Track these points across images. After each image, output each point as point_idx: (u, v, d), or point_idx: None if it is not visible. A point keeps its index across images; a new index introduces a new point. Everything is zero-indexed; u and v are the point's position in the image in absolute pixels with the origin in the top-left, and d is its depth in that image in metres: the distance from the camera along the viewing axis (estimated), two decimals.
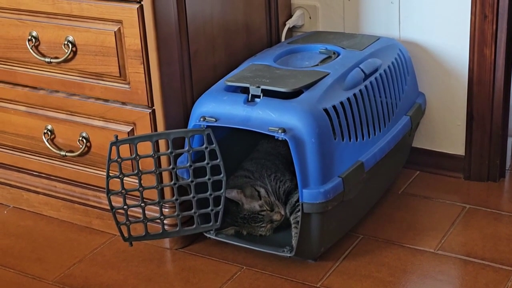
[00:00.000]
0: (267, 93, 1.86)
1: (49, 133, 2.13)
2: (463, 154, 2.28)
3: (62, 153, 2.11)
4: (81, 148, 2.08)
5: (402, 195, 2.24)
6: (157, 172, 1.90)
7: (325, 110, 1.83)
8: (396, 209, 2.16)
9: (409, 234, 2.04)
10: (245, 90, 1.90)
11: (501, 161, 2.26)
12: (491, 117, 2.21)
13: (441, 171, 2.33)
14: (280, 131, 1.78)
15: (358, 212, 2.06)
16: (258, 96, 1.86)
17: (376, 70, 2.03)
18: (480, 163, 2.26)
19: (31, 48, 2.03)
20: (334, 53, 2.09)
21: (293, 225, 1.94)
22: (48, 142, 2.13)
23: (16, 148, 2.23)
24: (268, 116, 1.82)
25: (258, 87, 1.86)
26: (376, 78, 2.01)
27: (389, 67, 2.07)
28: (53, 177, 2.20)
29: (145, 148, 1.91)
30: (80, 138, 2.08)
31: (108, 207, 1.92)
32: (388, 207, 2.17)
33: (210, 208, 1.91)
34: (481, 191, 2.24)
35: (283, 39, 2.33)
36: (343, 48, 2.10)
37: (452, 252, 1.96)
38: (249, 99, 1.87)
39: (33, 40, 2.03)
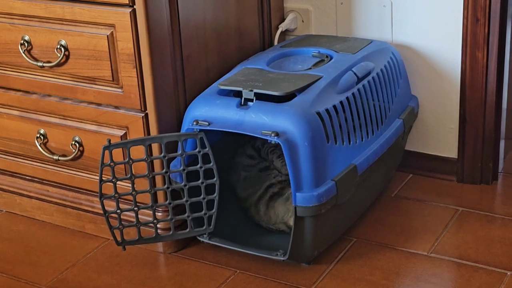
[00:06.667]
0: (260, 97, 1.86)
1: (42, 137, 2.12)
2: (456, 157, 2.29)
3: (55, 157, 2.11)
4: (74, 152, 2.08)
5: (395, 198, 2.24)
6: (150, 176, 1.89)
7: (318, 113, 1.83)
8: (389, 212, 2.16)
9: (402, 237, 2.04)
10: (238, 94, 1.90)
11: (494, 164, 2.27)
12: (484, 120, 2.21)
13: (434, 174, 2.33)
14: (273, 134, 1.78)
15: (351, 215, 2.06)
16: (251, 100, 1.86)
17: (368, 74, 2.03)
18: (473, 166, 2.27)
19: (23, 52, 2.03)
20: (327, 57, 2.09)
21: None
22: (41, 147, 2.13)
23: (8, 152, 2.23)
24: (261, 120, 1.82)
25: (251, 90, 1.86)
26: (369, 82, 2.01)
27: (381, 70, 2.08)
28: (46, 182, 2.20)
29: (138, 152, 1.91)
30: (73, 142, 2.07)
31: (101, 211, 1.92)
32: (381, 210, 2.17)
33: (203, 212, 1.91)
34: (474, 193, 2.24)
35: (275, 42, 2.33)
36: (335, 51, 2.11)
37: (445, 255, 1.96)
38: (242, 103, 1.87)
39: (26, 44, 2.02)
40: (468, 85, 2.19)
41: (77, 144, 2.07)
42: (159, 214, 2.01)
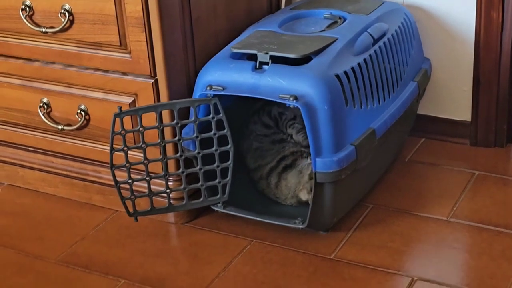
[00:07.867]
0: (274, 60, 1.80)
1: (45, 106, 2.04)
2: (469, 120, 2.24)
3: (60, 127, 2.03)
4: (80, 121, 2.00)
5: (409, 163, 2.19)
6: (163, 144, 1.83)
7: (337, 76, 1.77)
8: (404, 177, 2.11)
9: (419, 202, 1.99)
10: (252, 57, 1.83)
11: (508, 127, 2.22)
12: (498, 82, 2.16)
13: (447, 137, 2.28)
14: (291, 98, 1.71)
15: (369, 180, 2.01)
16: (266, 63, 1.79)
17: (384, 35, 1.97)
18: (486, 128, 2.22)
19: (25, 18, 1.94)
20: (340, 18, 2.03)
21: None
22: (44, 116, 2.05)
23: (10, 123, 2.14)
24: (278, 84, 1.75)
25: (266, 53, 1.79)
26: (384, 43, 1.95)
27: (396, 31, 2.02)
28: (50, 152, 2.12)
29: (148, 120, 1.83)
30: (79, 111, 2.00)
31: (109, 182, 1.86)
32: (396, 175, 2.12)
33: (217, 180, 1.85)
34: (489, 157, 2.20)
35: (283, 5, 2.25)
36: (348, 13, 2.04)
37: (465, 220, 1.91)
38: (257, 66, 1.80)
39: (27, 9, 1.94)
40: (482, 46, 2.14)
41: (83, 113, 1.99)
42: (171, 183, 1.94)
